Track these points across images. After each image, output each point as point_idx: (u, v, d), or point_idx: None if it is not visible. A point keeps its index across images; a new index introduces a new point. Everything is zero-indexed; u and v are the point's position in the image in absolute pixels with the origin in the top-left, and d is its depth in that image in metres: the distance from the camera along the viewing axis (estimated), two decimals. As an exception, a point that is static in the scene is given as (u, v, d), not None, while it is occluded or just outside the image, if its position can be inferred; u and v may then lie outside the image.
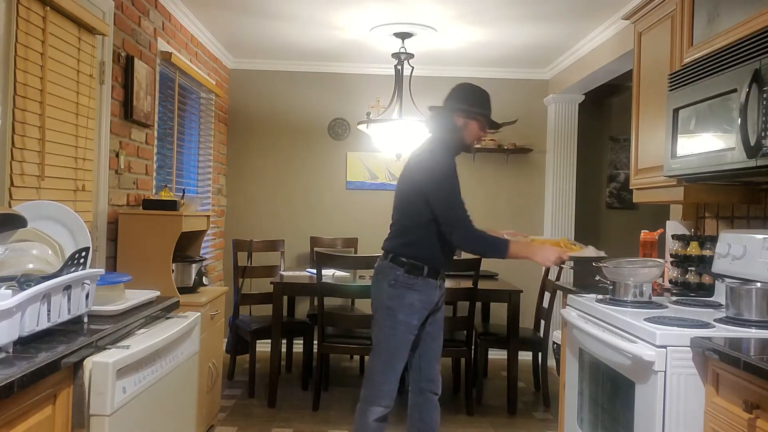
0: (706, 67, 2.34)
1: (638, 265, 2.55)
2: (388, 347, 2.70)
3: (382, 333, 2.72)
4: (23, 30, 2.38)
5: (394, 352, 2.70)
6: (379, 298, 2.75)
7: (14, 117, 2.35)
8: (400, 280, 2.69)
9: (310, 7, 4.11)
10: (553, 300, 4.34)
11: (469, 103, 2.79)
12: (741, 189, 2.64)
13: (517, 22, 4.31)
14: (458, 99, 2.81)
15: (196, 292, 3.49)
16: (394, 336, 2.69)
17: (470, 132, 2.81)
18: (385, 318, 2.71)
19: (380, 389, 2.69)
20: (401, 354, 2.71)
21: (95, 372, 1.73)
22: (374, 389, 2.70)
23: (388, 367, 2.70)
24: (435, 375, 2.88)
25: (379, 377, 2.70)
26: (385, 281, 2.72)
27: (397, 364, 2.70)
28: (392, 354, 2.70)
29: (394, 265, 2.71)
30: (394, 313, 2.69)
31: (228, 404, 4.16)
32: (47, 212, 2.11)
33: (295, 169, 5.70)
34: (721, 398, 1.84)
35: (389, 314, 2.70)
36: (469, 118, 2.78)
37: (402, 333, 2.70)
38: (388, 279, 2.71)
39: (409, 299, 2.69)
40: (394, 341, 2.69)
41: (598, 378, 2.49)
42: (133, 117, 3.42)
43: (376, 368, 2.71)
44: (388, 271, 2.72)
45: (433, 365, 2.87)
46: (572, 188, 5.63)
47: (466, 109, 2.77)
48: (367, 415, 2.70)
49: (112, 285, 2.25)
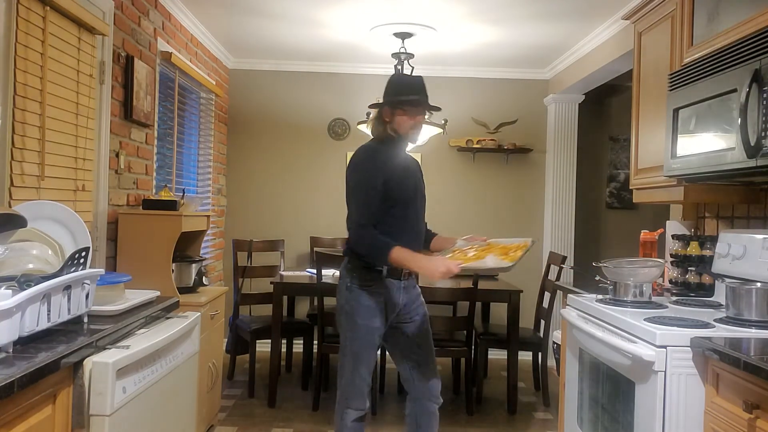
0: (706, 67, 2.34)
1: (638, 265, 2.55)
2: (352, 351, 2.65)
3: (344, 337, 2.68)
4: (23, 30, 2.38)
5: (358, 355, 2.64)
6: (338, 302, 2.71)
7: (14, 117, 2.35)
8: (356, 283, 2.64)
9: (310, 7, 4.11)
10: (553, 300, 4.34)
11: (390, 93, 2.68)
12: (741, 189, 2.64)
13: (517, 22, 4.31)
14: (384, 94, 2.72)
15: (196, 292, 3.48)
16: (356, 340, 2.64)
17: (400, 122, 2.65)
18: (345, 322, 2.67)
19: (349, 392, 2.66)
20: (365, 358, 2.65)
21: (95, 372, 1.72)
22: (344, 392, 2.67)
23: (354, 370, 2.64)
24: (430, 385, 2.77)
25: (347, 380, 2.66)
26: (342, 284, 2.68)
27: (361, 368, 2.65)
28: (356, 358, 2.64)
29: (350, 267, 2.67)
30: (353, 317, 2.64)
31: (228, 404, 4.16)
32: (47, 212, 2.11)
33: (295, 169, 5.70)
34: (721, 398, 1.84)
35: (348, 318, 2.65)
36: (394, 108, 2.65)
37: (363, 336, 2.64)
38: (345, 282, 2.67)
39: (365, 302, 2.63)
40: (356, 345, 2.64)
41: (598, 378, 2.49)
42: (133, 117, 3.42)
43: (344, 372, 2.67)
44: (344, 274, 2.69)
45: (426, 375, 2.77)
46: (572, 188, 5.63)
47: (388, 101, 2.66)
48: (344, 417, 2.67)
49: (112, 285, 2.25)
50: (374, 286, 2.64)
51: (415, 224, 2.73)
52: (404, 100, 2.64)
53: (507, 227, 5.67)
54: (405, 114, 2.65)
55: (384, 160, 2.63)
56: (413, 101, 2.65)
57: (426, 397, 2.77)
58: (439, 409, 2.82)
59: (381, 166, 2.61)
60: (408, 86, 2.69)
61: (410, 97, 2.64)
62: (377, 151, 2.67)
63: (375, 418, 3.94)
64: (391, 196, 2.60)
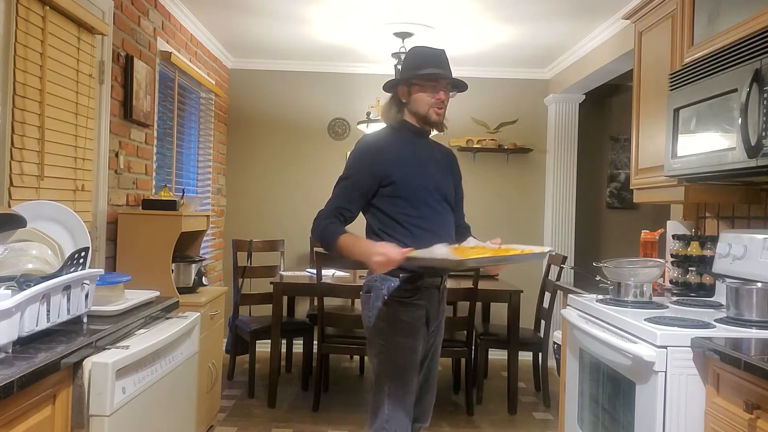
0: (706, 67, 2.33)
1: (639, 265, 2.55)
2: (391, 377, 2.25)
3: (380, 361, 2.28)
4: (23, 30, 2.37)
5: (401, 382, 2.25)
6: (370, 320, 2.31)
7: (14, 117, 2.35)
8: (394, 294, 2.25)
9: (310, 7, 4.11)
10: (553, 300, 4.34)
11: (406, 68, 2.31)
12: (741, 189, 2.64)
13: (517, 22, 4.31)
14: (401, 70, 2.35)
15: (196, 292, 3.48)
16: (396, 364, 2.25)
17: (419, 100, 2.28)
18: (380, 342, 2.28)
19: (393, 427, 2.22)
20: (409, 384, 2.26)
21: (95, 372, 1.72)
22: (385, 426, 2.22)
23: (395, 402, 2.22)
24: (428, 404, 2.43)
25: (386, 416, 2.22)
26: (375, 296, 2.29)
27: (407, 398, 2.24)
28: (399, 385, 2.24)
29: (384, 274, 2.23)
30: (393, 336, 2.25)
31: (228, 404, 4.16)
32: (47, 212, 2.10)
33: (295, 168, 5.70)
34: (721, 398, 1.84)
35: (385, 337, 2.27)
36: (411, 85, 2.28)
37: (407, 358, 2.25)
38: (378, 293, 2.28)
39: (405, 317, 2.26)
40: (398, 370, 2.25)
41: (598, 378, 2.48)
42: (133, 117, 3.42)
43: (380, 405, 2.23)
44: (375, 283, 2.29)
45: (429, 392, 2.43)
46: (572, 188, 5.63)
47: (404, 77, 2.29)
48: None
49: (111, 285, 2.24)
50: (414, 297, 2.26)
51: (439, 228, 2.29)
52: (423, 74, 2.26)
53: (507, 227, 5.66)
54: (423, 90, 2.27)
55: (388, 151, 2.28)
56: (433, 75, 2.26)
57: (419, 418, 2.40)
58: (440, 409, 2.74)
59: (379, 158, 2.26)
60: (427, 58, 2.29)
61: (429, 71, 2.25)
62: (381, 140, 2.33)
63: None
64: (396, 193, 2.25)
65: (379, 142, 2.33)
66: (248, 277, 4.70)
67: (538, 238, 5.72)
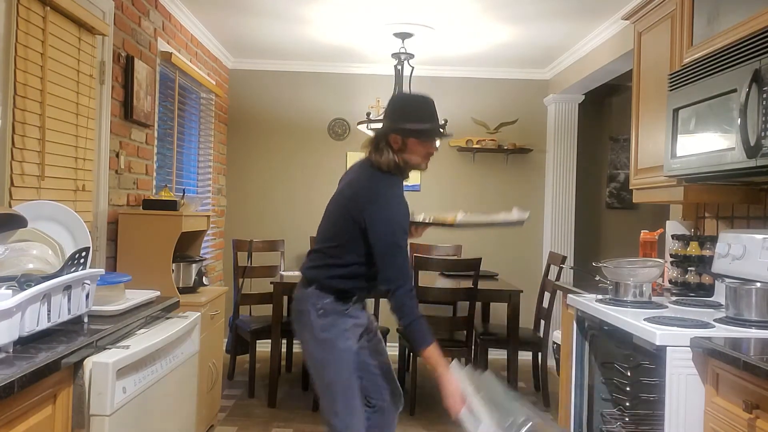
0: (706, 67, 2.34)
1: (638, 265, 2.55)
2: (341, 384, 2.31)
3: (325, 372, 2.34)
4: (23, 30, 2.38)
5: (348, 387, 2.31)
6: (307, 333, 2.36)
7: (14, 117, 2.35)
8: (328, 308, 2.32)
9: (310, 8, 4.11)
10: (553, 300, 4.34)
11: (399, 118, 2.32)
12: (741, 189, 2.64)
13: (517, 22, 4.31)
14: (392, 116, 2.34)
15: (196, 292, 3.48)
16: (342, 370, 2.31)
17: (413, 152, 2.32)
18: (322, 352, 2.34)
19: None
20: (356, 386, 2.34)
21: (95, 372, 1.73)
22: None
23: (348, 405, 2.30)
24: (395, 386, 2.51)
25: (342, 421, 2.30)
26: (312, 312, 2.33)
27: (354, 400, 2.32)
28: (347, 391, 2.31)
29: (321, 293, 2.33)
30: (334, 343, 2.32)
31: (228, 404, 4.16)
32: (47, 212, 2.11)
33: (294, 168, 5.70)
34: (721, 398, 1.84)
35: (326, 348, 2.33)
36: (408, 137, 2.30)
37: (349, 362, 2.33)
38: (315, 308, 2.33)
39: (343, 325, 2.33)
40: (344, 376, 2.31)
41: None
42: (133, 117, 3.42)
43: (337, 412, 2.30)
44: (314, 299, 2.34)
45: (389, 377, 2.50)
46: (572, 188, 5.63)
47: (401, 128, 2.29)
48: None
49: (112, 285, 2.25)
50: (348, 311, 2.36)
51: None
52: (420, 129, 2.30)
53: (507, 227, 5.66)
54: (421, 143, 2.32)
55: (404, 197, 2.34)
56: (430, 130, 2.32)
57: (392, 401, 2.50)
58: (439, 408, 2.77)
59: (405, 205, 2.31)
60: (421, 111, 2.33)
61: (425, 126, 2.31)
62: (398, 186, 2.35)
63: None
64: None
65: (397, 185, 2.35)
66: (248, 277, 4.70)
67: (538, 238, 5.73)
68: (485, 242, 5.56)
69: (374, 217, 2.24)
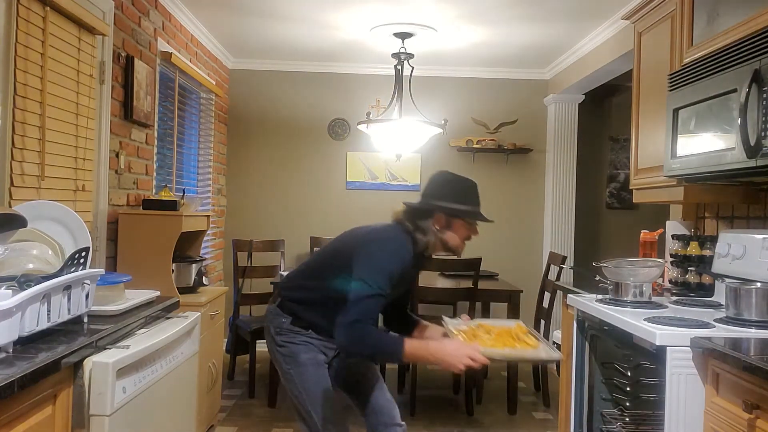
0: (706, 67, 2.34)
1: (638, 265, 2.55)
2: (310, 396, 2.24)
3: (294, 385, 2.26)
4: (23, 30, 2.38)
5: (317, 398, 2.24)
6: (271, 350, 2.33)
7: (14, 117, 2.35)
8: (284, 327, 2.28)
9: (310, 7, 4.11)
10: (553, 300, 4.34)
11: (448, 197, 2.22)
12: (741, 189, 2.64)
13: (517, 22, 4.31)
14: (438, 195, 2.24)
15: (196, 292, 3.48)
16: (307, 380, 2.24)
17: (456, 233, 2.24)
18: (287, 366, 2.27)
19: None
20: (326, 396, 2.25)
21: (95, 372, 1.73)
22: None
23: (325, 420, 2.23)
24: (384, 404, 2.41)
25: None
26: (271, 328, 2.32)
27: (329, 413, 2.24)
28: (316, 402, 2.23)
29: (280, 312, 2.31)
30: (295, 357, 2.26)
31: (228, 404, 4.16)
32: (47, 212, 2.11)
33: (295, 169, 5.70)
34: (721, 398, 1.84)
35: (289, 361, 2.26)
36: (455, 217, 2.22)
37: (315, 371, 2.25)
38: (273, 325, 2.32)
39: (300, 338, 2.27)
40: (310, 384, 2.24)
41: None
42: (133, 117, 3.42)
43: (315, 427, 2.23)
44: (272, 317, 2.33)
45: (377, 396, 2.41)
46: (572, 188, 5.63)
47: (449, 207, 2.21)
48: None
49: (112, 285, 2.25)
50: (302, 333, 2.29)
51: None
52: (468, 211, 2.22)
53: (507, 227, 5.67)
54: (465, 227, 2.25)
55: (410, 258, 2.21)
56: (477, 213, 2.25)
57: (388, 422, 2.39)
58: (439, 409, 2.74)
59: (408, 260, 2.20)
60: (470, 193, 2.26)
61: (474, 208, 2.24)
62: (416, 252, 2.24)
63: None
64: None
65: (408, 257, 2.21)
66: (248, 277, 4.70)
67: (538, 238, 5.73)
68: (485, 242, 5.55)
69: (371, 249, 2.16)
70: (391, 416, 2.39)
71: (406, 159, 5.45)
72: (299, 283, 2.37)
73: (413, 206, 2.27)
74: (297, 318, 2.28)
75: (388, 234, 2.25)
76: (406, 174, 5.71)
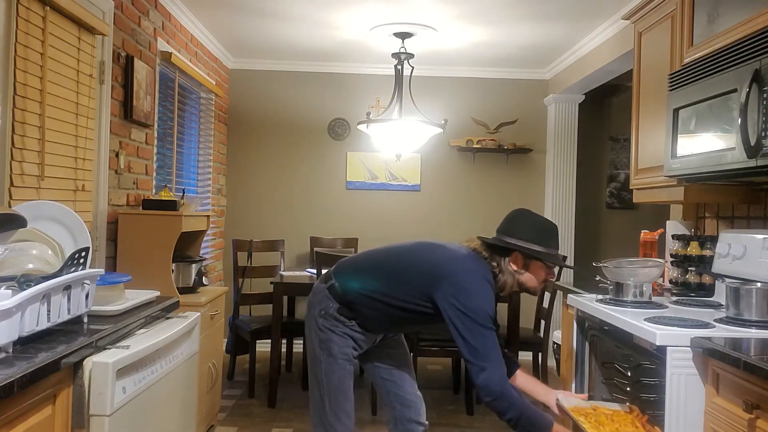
0: (706, 67, 2.33)
1: (638, 265, 2.55)
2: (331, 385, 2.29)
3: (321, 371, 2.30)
4: (23, 30, 2.38)
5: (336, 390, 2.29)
6: (311, 327, 2.34)
7: (14, 117, 2.35)
8: (329, 313, 2.28)
9: (310, 7, 4.11)
10: (553, 300, 4.34)
11: (534, 239, 2.20)
12: (741, 189, 2.64)
13: (517, 22, 4.31)
14: (519, 234, 2.20)
15: (196, 292, 3.48)
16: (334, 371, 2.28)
17: (534, 275, 2.23)
18: (321, 351, 2.30)
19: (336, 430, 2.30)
20: (346, 392, 2.30)
21: (95, 372, 1.72)
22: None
23: (337, 406, 2.29)
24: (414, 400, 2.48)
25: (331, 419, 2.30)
26: (316, 308, 2.32)
27: (345, 402, 2.30)
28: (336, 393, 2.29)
29: (328, 296, 2.29)
30: (330, 346, 2.28)
31: (228, 404, 4.16)
32: (47, 212, 2.11)
33: (295, 169, 5.70)
34: (721, 398, 1.84)
35: (323, 347, 2.29)
36: (535, 259, 2.21)
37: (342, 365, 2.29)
38: (319, 306, 2.31)
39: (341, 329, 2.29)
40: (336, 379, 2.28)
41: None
42: (133, 117, 3.42)
43: (325, 409, 2.30)
44: (321, 298, 2.31)
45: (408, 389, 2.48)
46: (572, 188, 5.63)
47: (530, 249, 2.19)
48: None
49: (111, 285, 2.25)
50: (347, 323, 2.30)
51: None
52: (549, 254, 2.20)
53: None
54: (543, 269, 2.24)
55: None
56: (557, 257, 2.25)
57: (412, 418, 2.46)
58: (440, 409, 2.75)
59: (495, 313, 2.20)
60: (552, 236, 2.24)
61: (554, 251, 2.23)
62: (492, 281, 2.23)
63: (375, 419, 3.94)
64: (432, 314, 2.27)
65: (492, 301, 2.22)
66: (248, 277, 4.70)
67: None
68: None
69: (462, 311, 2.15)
70: (418, 413, 2.46)
71: (406, 159, 5.45)
72: (357, 276, 2.32)
73: (489, 242, 2.25)
74: (345, 307, 2.27)
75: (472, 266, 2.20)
76: (406, 174, 5.71)
